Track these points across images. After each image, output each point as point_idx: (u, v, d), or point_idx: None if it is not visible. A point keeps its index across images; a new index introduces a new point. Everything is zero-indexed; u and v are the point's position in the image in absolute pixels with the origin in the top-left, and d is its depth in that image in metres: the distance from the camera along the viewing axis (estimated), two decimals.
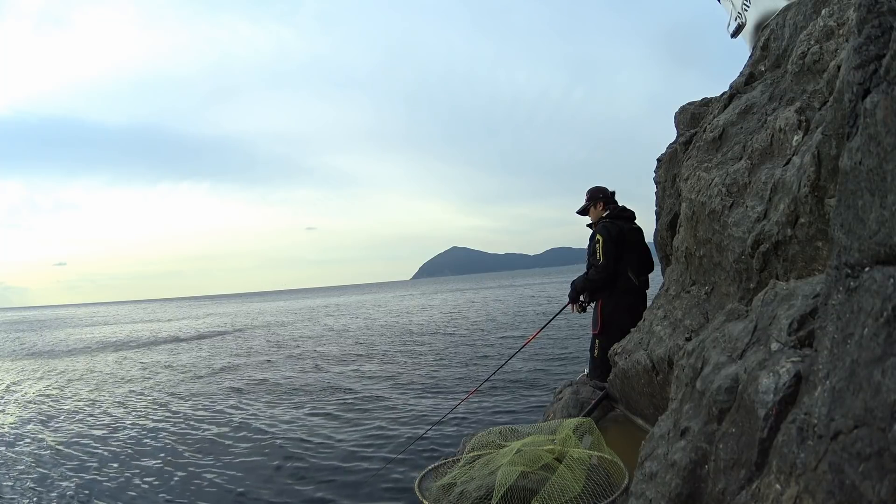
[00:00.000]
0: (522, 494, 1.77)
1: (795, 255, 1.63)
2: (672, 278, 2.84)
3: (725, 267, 2.09)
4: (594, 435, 2.16)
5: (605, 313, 3.43)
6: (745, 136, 2.24)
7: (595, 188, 3.68)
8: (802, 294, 1.11)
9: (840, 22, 1.85)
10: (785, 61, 2.29)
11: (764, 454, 0.93)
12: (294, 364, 11.23)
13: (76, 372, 12.32)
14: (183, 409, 7.65)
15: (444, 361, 10.12)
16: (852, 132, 0.83)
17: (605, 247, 3.34)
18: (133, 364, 13.02)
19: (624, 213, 3.54)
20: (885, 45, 0.78)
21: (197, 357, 13.65)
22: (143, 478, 4.89)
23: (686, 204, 2.50)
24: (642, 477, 1.36)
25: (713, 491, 1.06)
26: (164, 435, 6.35)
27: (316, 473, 4.66)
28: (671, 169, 3.23)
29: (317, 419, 6.50)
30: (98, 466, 5.30)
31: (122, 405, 8.31)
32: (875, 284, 0.73)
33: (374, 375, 9.15)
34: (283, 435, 5.91)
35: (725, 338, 1.30)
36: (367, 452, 5.08)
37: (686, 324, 2.35)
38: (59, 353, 17.40)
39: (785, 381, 0.94)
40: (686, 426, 1.23)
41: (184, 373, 11.12)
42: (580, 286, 3.53)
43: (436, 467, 2.24)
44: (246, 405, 7.59)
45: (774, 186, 1.78)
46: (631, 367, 2.60)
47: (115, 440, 6.26)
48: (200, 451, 5.54)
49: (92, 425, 7.09)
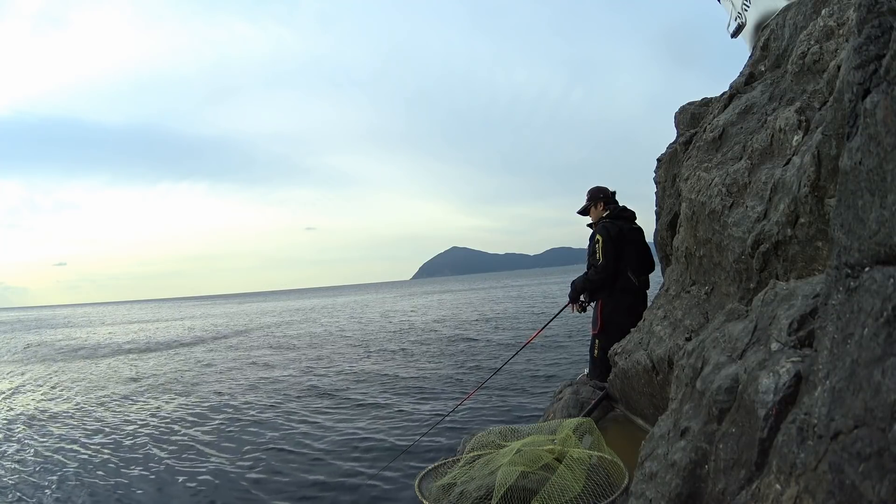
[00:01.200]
0: (522, 494, 1.77)
1: (795, 255, 1.63)
2: (672, 278, 2.84)
3: (725, 267, 2.09)
4: (594, 435, 2.16)
5: (605, 313, 3.43)
6: (745, 136, 2.24)
7: (595, 188, 3.69)
8: (802, 294, 1.11)
9: (840, 22, 1.85)
10: (785, 61, 2.30)
11: (764, 454, 0.93)
12: (291, 365, 11.22)
13: (65, 374, 12.28)
14: (180, 410, 7.65)
15: (443, 362, 10.12)
16: (852, 132, 0.83)
17: (605, 247, 3.34)
18: (126, 366, 13.00)
19: (624, 214, 3.54)
20: (885, 45, 0.78)
21: (195, 358, 13.64)
22: (129, 484, 4.80)
23: (686, 204, 2.50)
24: (642, 477, 1.36)
25: (713, 491, 1.06)
26: (159, 436, 6.35)
27: (315, 474, 4.66)
28: (671, 169, 3.23)
29: (315, 420, 6.49)
30: (74, 473, 5.21)
31: (104, 406, 8.27)
32: (875, 284, 0.72)
33: (373, 376, 9.14)
34: (280, 436, 5.91)
35: (725, 338, 1.30)
36: (366, 453, 5.08)
37: (686, 324, 2.35)
38: (53, 353, 17.37)
39: (785, 381, 0.94)
40: (686, 426, 1.23)
41: (181, 374, 11.12)
42: (580, 286, 3.53)
43: (436, 467, 2.25)
44: (245, 405, 7.58)
45: (774, 186, 1.78)
46: (631, 367, 2.60)
47: (96, 444, 6.15)
48: (198, 454, 5.53)
49: (71, 428, 7.03)
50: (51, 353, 17.29)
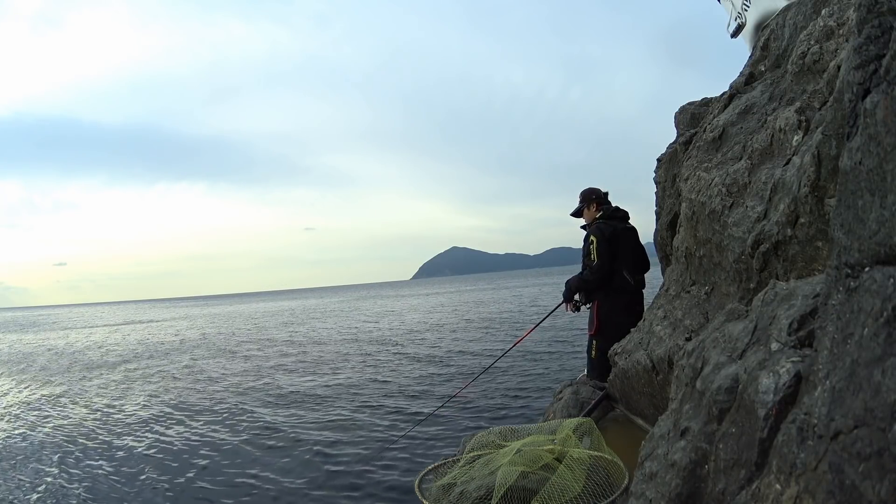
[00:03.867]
0: (522, 494, 1.77)
1: (795, 255, 1.63)
2: (672, 278, 2.84)
3: (725, 267, 2.09)
4: (594, 435, 2.16)
5: (602, 313, 3.43)
6: (745, 136, 2.24)
7: (588, 189, 3.68)
8: (802, 294, 1.11)
9: (840, 22, 1.85)
10: (785, 61, 2.30)
11: (764, 454, 0.93)
12: (290, 365, 11.22)
13: (45, 373, 12.29)
14: (175, 413, 7.65)
15: (442, 361, 10.12)
16: (852, 132, 0.83)
17: (600, 247, 3.34)
18: (119, 370, 13.01)
19: (617, 214, 3.54)
20: (885, 45, 0.78)
21: (191, 358, 13.63)
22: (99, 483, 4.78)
23: (686, 204, 2.50)
24: (642, 477, 1.36)
25: (713, 491, 1.06)
26: (152, 435, 6.35)
27: (313, 474, 4.65)
28: (671, 169, 3.23)
29: (313, 421, 6.49)
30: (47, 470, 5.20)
31: (85, 405, 8.27)
32: (875, 284, 0.73)
33: (371, 376, 9.14)
34: (278, 436, 5.91)
35: (725, 338, 1.30)
36: (364, 453, 5.07)
37: (686, 324, 2.35)
38: (38, 354, 17.34)
39: (785, 381, 0.94)
40: (686, 426, 1.23)
41: (176, 375, 11.12)
42: (575, 286, 3.53)
43: (436, 467, 2.25)
44: (241, 406, 7.58)
45: (774, 186, 1.78)
46: (631, 367, 2.60)
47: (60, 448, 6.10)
48: (199, 457, 5.52)
49: (42, 418, 7.05)
50: (34, 354, 17.28)
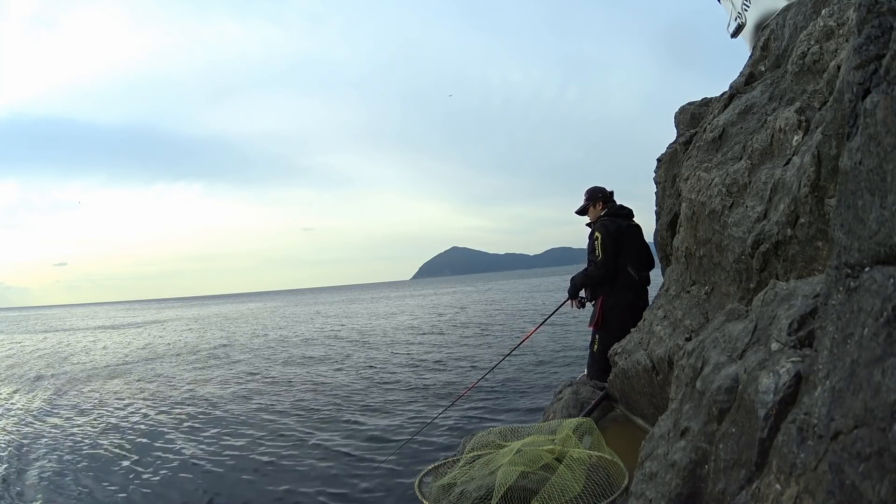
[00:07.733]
0: (522, 494, 1.77)
1: (795, 255, 1.63)
2: (672, 278, 2.84)
3: (725, 267, 2.09)
4: (594, 435, 2.16)
5: (607, 308, 3.44)
6: (745, 136, 2.24)
7: (594, 188, 3.71)
8: (802, 294, 1.12)
9: (840, 22, 1.85)
10: (785, 61, 2.30)
11: (764, 454, 0.93)
12: (290, 365, 11.22)
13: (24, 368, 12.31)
14: (168, 410, 7.65)
15: (442, 361, 10.12)
16: (852, 132, 0.83)
17: (604, 243, 3.37)
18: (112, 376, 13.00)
19: (622, 211, 3.57)
20: (885, 45, 0.78)
21: (190, 359, 13.64)
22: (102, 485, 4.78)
23: (686, 204, 2.50)
24: (642, 477, 1.36)
25: (713, 491, 1.06)
26: (146, 430, 6.35)
27: (313, 474, 4.65)
28: (671, 169, 3.23)
29: (313, 421, 6.48)
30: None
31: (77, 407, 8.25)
32: (875, 284, 0.73)
33: (371, 376, 9.14)
34: (277, 437, 5.91)
35: (725, 338, 1.30)
36: (364, 453, 5.07)
37: (686, 324, 2.35)
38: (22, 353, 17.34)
39: (785, 381, 0.94)
40: (686, 426, 1.23)
41: (174, 377, 11.12)
42: (580, 282, 3.56)
43: (436, 467, 2.25)
44: (240, 406, 7.58)
45: (774, 186, 1.78)
46: (631, 367, 2.60)
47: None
48: (195, 456, 5.51)
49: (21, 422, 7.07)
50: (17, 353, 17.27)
